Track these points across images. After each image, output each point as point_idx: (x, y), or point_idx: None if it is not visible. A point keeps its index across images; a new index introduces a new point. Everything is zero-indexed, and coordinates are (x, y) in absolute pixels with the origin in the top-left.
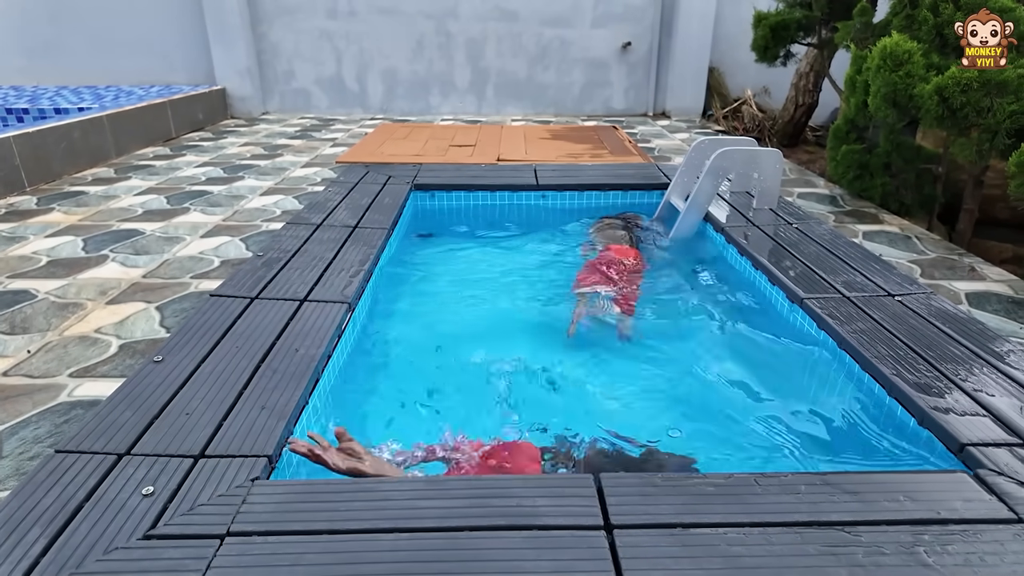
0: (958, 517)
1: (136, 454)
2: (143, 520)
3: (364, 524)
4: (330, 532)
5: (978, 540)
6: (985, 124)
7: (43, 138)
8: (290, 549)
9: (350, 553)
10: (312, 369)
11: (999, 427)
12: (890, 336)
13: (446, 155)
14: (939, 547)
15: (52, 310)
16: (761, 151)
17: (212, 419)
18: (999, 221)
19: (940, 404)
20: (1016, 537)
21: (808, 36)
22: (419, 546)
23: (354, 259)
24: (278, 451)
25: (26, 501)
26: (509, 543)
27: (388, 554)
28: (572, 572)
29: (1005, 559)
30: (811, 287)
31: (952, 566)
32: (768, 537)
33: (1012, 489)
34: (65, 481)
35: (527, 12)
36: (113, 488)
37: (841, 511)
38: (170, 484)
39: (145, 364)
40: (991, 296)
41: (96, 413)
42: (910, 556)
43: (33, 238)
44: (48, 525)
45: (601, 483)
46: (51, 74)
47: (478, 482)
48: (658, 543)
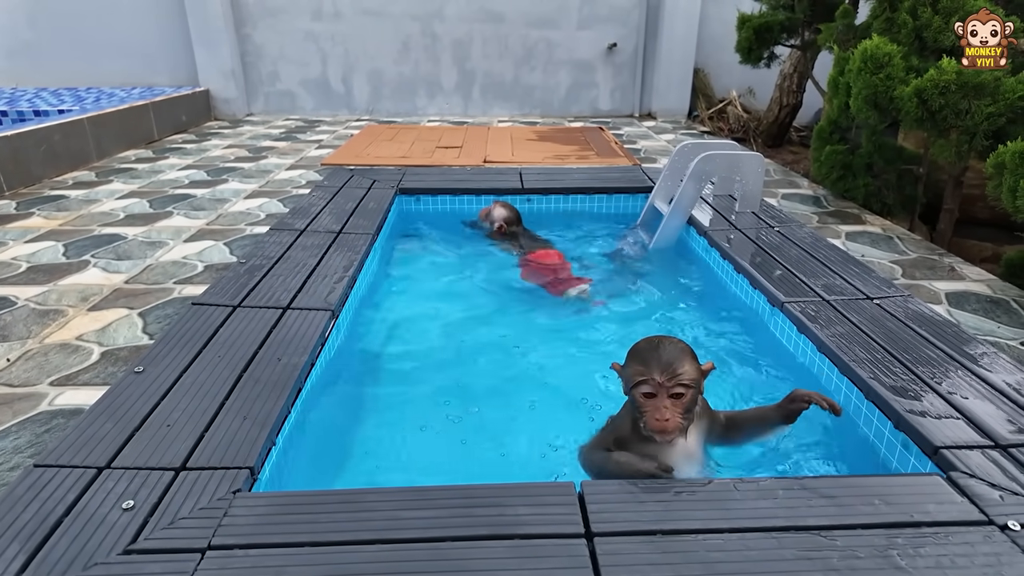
0: (931, 520)
1: (116, 467)
2: (123, 535)
3: (346, 536)
4: (312, 544)
5: (949, 542)
6: (963, 126)
7: (22, 141)
8: (272, 562)
9: (332, 565)
10: (295, 378)
11: (972, 430)
12: (868, 339)
13: (432, 157)
14: (912, 550)
15: (32, 317)
16: (743, 155)
17: (193, 431)
18: (979, 221)
19: (915, 407)
20: (986, 539)
21: (791, 38)
22: (402, 557)
23: (338, 265)
24: (260, 462)
25: (4, 517)
26: (492, 552)
27: (371, 565)
28: None
29: (975, 561)
30: (792, 291)
31: (924, 568)
32: (746, 542)
33: (984, 491)
34: (44, 496)
35: (513, 14)
36: (93, 502)
37: (817, 515)
38: (151, 498)
39: (126, 375)
40: (970, 296)
41: (76, 426)
42: (884, 559)
43: (12, 243)
44: (27, 541)
45: (583, 491)
46: (30, 76)
47: (460, 491)
48: (638, 550)
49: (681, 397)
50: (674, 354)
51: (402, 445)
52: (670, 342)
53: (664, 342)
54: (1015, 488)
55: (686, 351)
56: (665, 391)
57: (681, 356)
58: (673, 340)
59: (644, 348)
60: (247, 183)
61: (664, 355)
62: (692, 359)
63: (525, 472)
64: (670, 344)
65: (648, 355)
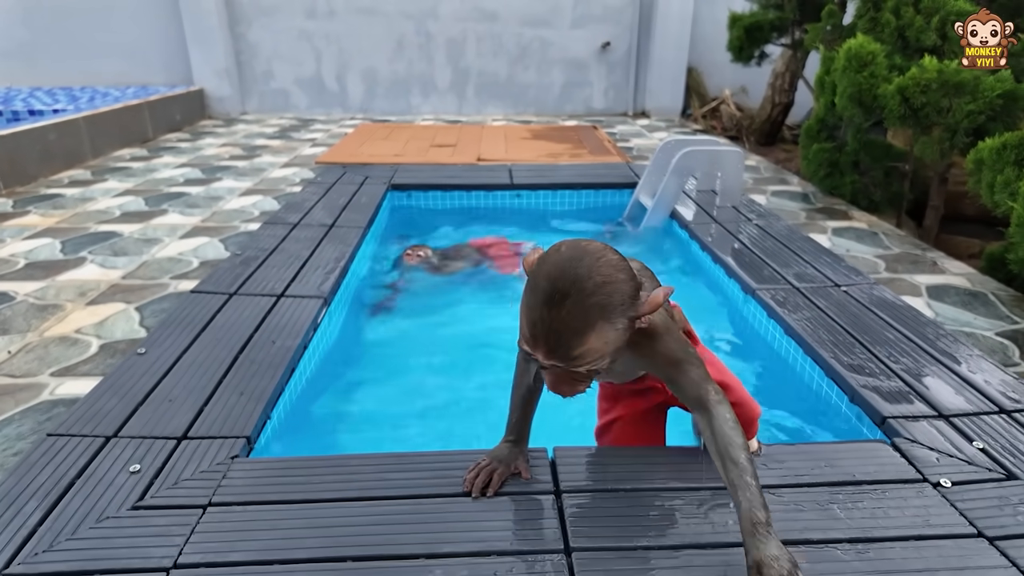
0: (871, 479)
1: (123, 436)
2: (131, 493)
3: (336, 494)
4: (304, 501)
5: (885, 498)
6: (945, 123)
7: (18, 141)
8: (268, 516)
9: (322, 518)
10: (288, 359)
11: (920, 402)
12: (832, 323)
13: (427, 155)
14: (850, 504)
15: (31, 311)
16: (723, 151)
17: (194, 405)
18: (968, 218)
19: (869, 383)
20: (919, 494)
21: (782, 37)
22: (386, 511)
23: (330, 257)
24: (256, 433)
25: (22, 479)
26: (468, 507)
27: (358, 518)
28: (525, 529)
29: (906, 512)
30: (764, 278)
31: (859, 519)
32: (699, 497)
33: (922, 454)
34: (57, 461)
35: (507, 12)
36: (103, 466)
37: (768, 476)
38: (155, 462)
39: (129, 356)
40: (950, 289)
41: (83, 401)
42: (824, 512)
43: (10, 240)
44: (44, 499)
45: (555, 456)
46: (25, 75)
47: (440, 455)
48: (600, 504)
49: (585, 380)
50: (564, 334)
51: (387, 419)
52: (565, 308)
53: (555, 309)
54: (951, 451)
55: (586, 321)
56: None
57: (575, 334)
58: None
59: (531, 308)
60: (241, 181)
61: (551, 334)
62: (593, 330)
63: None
64: (564, 312)
65: (534, 326)
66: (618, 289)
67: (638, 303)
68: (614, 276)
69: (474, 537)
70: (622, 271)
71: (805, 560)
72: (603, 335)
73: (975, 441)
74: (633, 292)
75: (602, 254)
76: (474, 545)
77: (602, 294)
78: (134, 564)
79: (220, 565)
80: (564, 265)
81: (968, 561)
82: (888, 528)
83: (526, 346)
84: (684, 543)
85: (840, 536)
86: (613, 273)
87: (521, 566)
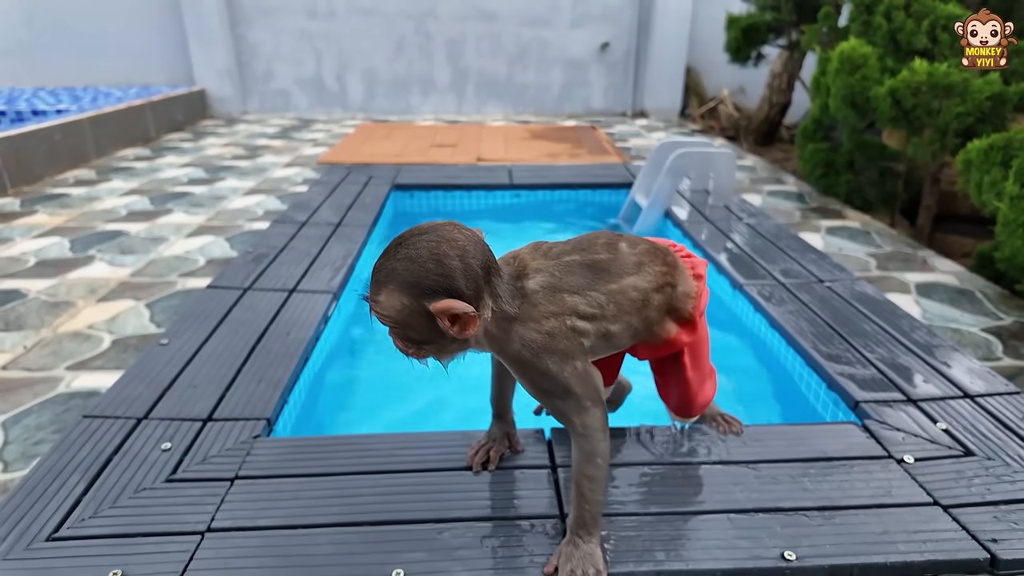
0: (841, 456)
1: (152, 418)
2: (164, 468)
3: (351, 468)
4: (322, 475)
5: (852, 472)
6: (935, 124)
7: (24, 141)
8: (290, 487)
9: (340, 489)
10: (302, 350)
11: (891, 388)
12: (813, 316)
13: (427, 155)
14: (820, 477)
15: (44, 308)
16: (715, 152)
17: (216, 390)
18: (961, 216)
19: (845, 371)
20: (883, 469)
21: (779, 38)
22: (396, 483)
23: (338, 254)
24: (275, 415)
25: (64, 454)
26: (473, 479)
27: (372, 488)
28: (523, 499)
29: (871, 484)
30: (751, 274)
31: (827, 489)
32: (684, 471)
33: (889, 435)
34: (95, 439)
35: (506, 12)
36: (136, 444)
37: (747, 453)
38: (184, 441)
39: (152, 346)
40: (938, 286)
41: (114, 386)
42: (795, 484)
43: (19, 239)
44: (85, 472)
45: (551, 436)
46: (27, 75)
47: (448, 435)
48: None
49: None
50: (380, 274)
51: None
52: (383, 260)
53: (381, 257)
54: (917, 431)
55: (387, 279)
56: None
57: (377, 284)
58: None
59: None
60: (244, 181)
61: (376, 271)
62: (386, 289)
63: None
64: (382, 261)
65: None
66: (421, 275)
67: (434, 299)
68: (428, 265)
69: (479, 505)
70: (443, 267)
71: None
72: (393, 300)
73: (939, 422)
74: (437, 288)
75: (444, 246)
76: (479, 511)
77: (407, 268)
78: (173, 528)
79: (249, 529)
80: (416, 231)
81: (923, 526)
82: (853, 498)
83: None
84: (669, 510)
85: (809, 505)
86: (429, 262)
87: (523, 528)
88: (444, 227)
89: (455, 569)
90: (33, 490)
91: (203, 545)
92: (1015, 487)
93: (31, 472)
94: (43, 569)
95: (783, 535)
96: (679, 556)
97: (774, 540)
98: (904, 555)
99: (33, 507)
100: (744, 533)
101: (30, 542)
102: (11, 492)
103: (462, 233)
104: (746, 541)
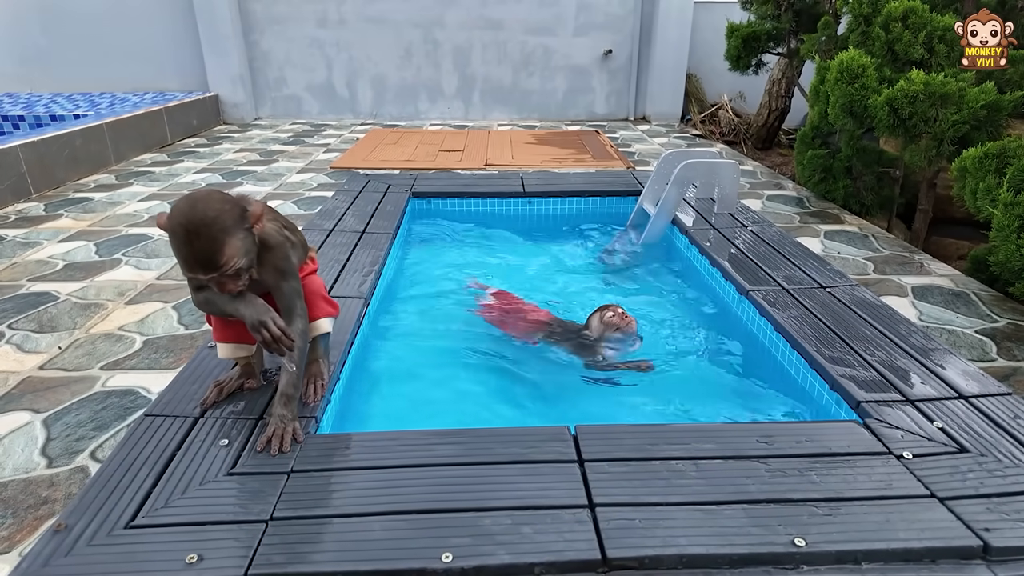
0: (844, 452)
1: (209, 417)
2: (224, 462)
3: (395, 462)
4: (369, 468)
5: (855, 467)
6: (932, 132)
7: (47, 146)
8: (341, 479)
9: (386, 481)
10: (341, 352)
11: (890, 389)
12: (816, 320)
13: (436, 160)
14: (826, 471)
15: (75, 310)
16: (720, 163)
17: (265, 391)
18: (957, 220)
19: (847, 372)
20: (884, 464)
21: (778, 46)
22: (438, 475)
23: (365, 260)
24: (320, 413)
25: (131, 450)
26: (507, 472)
27: (415, 480)
28: (553, 489)
29: (872, 478)
30: (756, 281)
31: (833, 482)
32: (701, 465)
33: (889, 432)
34: (158, 437)
35: (511, 21)
36: (197, 441)
37: (757, 449)
38: (240, 438)
39: (201, 349)
40: (934, 289)
41: (169, 386)
42: (803, 477)
43: (46, 243)
44: (153, 466)
45: (576, 432)
46: (45, 81)
47: (483, 432)
48: (617, 470)
49: (238, 277)
50: (208, 254)
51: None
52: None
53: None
54: (914, 429)
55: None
56: (220, 282)
57: (215, 252)
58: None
59: (180, 248)
60: (262, 185)
61: (201, 259)
62: (224, 244)
63: (534, 420)
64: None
65: (188, 260)
66: (227, 212)
67: (247, 215)
68: (220, 207)
69: (514, 496)
70: (226, 203)
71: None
72: (233, 244)
73: (935, 421)
74: (241, 212)
75: (208, 195)
76: (515, 501)
77: (219, 220)
78: (239, 516)
79: (309, 518)
80: (188, 212)
81: (921, 515)
82: (856, 490)
83: (191, 275)
84: (688, 500)
85: (816, 496)
86: (219, 205)
87: (555, 516)
88: (183, 201)
89: (498, 552)
90: (108, 482)
91: (268, 532)
92: (1006, 481)
93: (104, 466)
94: (127, 553)
95: (793, 523)
96: (700, 542)
97: (785, 528)
98: (904, 542)
99: (109, 498)
100: (758, 521)
101: (111, 529)
102: (87, 485)
103: (192, 193)
104: (760, 529)
